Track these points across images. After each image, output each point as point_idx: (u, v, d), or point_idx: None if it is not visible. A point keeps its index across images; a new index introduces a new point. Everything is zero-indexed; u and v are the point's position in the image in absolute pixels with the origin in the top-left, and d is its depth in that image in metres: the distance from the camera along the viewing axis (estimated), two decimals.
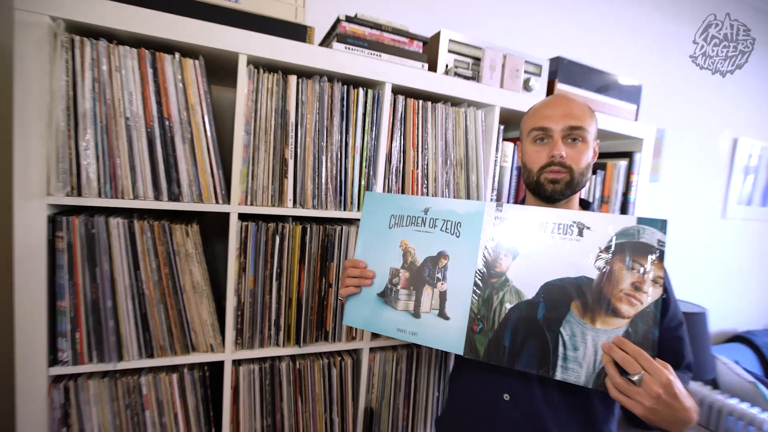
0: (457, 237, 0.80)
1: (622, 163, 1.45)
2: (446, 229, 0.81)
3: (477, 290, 0.77)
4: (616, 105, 1.45)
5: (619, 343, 0.65)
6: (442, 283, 0.80)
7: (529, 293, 0.73)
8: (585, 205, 1.01)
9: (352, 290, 0.87)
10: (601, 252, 0.69)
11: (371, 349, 1.20)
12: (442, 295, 0.79)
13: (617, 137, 1.49)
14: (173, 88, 0.93)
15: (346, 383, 1.17)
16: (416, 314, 0.81)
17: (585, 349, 0.68)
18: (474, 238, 0.78)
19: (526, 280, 0.74)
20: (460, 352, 0.77)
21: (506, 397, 0.88)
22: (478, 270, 0.77)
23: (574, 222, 0.71)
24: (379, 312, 0.84)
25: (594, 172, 1.45)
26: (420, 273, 0.82)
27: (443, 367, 1.30)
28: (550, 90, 1.36)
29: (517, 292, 0.74)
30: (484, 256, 0.77)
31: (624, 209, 1.46)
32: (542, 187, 0.88)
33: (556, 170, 0.86)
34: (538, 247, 0.74)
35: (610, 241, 0.68)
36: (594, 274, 0.69)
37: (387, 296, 0.84)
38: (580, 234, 0.70)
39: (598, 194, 1.45)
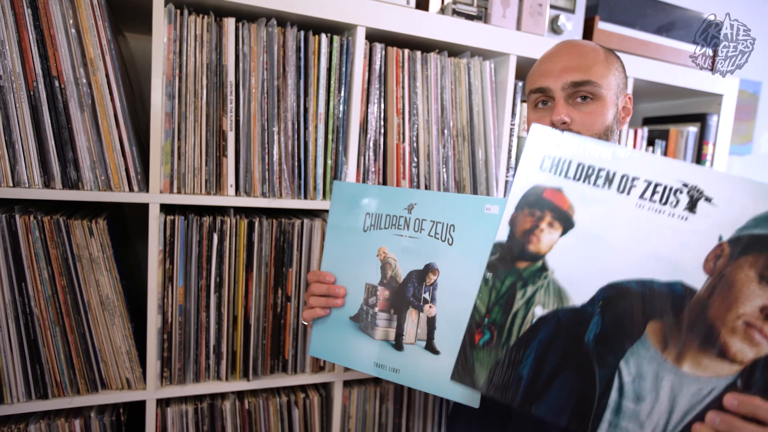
0: (450, 245, 0.71)
1: (691, 130, 1.32)
2: (436, 233, 0.72)
3: (490, 275, 0.61)
4: (683, 49, 1.29)
5: (744, 405, 0.49)
6: (430, 306, 0.72)
7: (579, 296, 0.57)
8: None
9: (318, 312, 0.80)
10: (722, 245, 0.51)
11: (346, 383, 1.11)
12: (431, 322, 0.72)
13: (685, 94, 1.33)
14: (63, 36, 0.82)
15: (312, 428, 1.09)
16: (398, 345, 0.75)
17: (655, 403, 0.52)
18: (472, 246, 0.68)
19: (578, 274, 0.57)
20: (456, 398, 0.68)
21: None
22: (499, 243, 0.62)
23: (685, 184, 0.52)
24: (351, 341, 0.79)
25: (650, 143, 1.33)
26: (403, 292, 0.75)
27: (446, 404, 1.21)
28: (588, 32, 1.22)
29: (559, 292, 0.59)
30: (512, 221, 0.61)
31: None
32: None
33: None
34: (611, 219, 0.56)
35: (744, 228, 0.50)
36: (700, 282, 0.52)
37: (362, 321, 0.78)
38: (692, 208, 0.52)
39: None
